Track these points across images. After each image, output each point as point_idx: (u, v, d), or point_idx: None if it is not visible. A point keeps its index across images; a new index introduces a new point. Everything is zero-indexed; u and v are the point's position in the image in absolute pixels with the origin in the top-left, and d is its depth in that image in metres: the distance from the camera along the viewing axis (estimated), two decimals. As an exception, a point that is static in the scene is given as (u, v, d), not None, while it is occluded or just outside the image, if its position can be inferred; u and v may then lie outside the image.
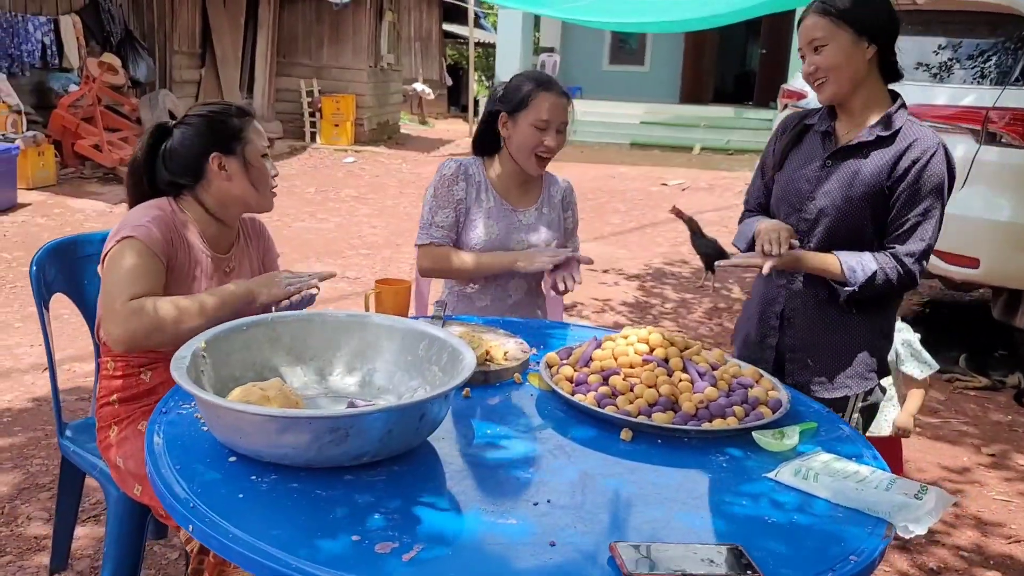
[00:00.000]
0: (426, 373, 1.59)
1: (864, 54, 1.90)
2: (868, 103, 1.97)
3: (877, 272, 1.91)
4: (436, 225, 2.36)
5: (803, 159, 2.06)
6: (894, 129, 1.93)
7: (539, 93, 2.26)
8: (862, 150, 1.96)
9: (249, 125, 1.93)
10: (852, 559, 1.19)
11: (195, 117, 1.92)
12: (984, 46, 4.41)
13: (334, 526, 1.16)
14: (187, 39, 11.18)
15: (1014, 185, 4.11)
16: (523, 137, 2.29)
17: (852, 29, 1.88)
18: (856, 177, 1.95)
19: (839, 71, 1.91)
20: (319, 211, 8.12)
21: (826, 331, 2.04)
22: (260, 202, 1.96)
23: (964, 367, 4.44)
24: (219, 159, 1.89)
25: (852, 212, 1.95)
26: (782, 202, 2.09)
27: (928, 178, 1.90)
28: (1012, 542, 2.89)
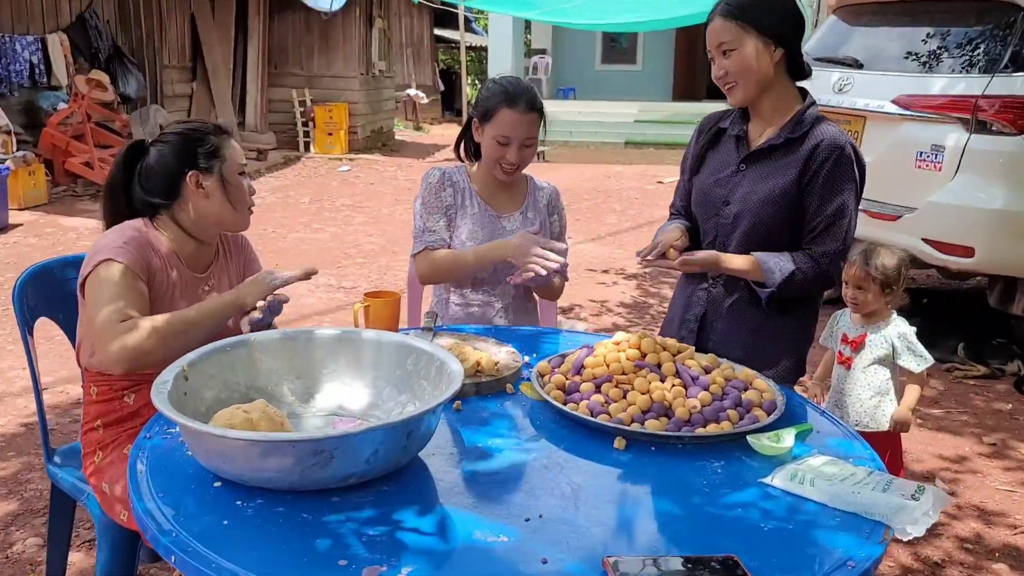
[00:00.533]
0: (415, 388, 1.57)
1: (771, 57, 1.92)
2: (778, 104, 1.99)
3: (795, 272, 1.93)
4: (429, 230, 2.34)
5: (718, 163, 2.08)
6: (803, 130, 1.95)
7: (502, 108, 2.23)
8: (773, 153, 1.98)
9: (227, 143, 1.91)
10: (849, 565, 1.17)
11: (171, 135, 1.90)
12: (972, 34, 4.39)
13: (320, 551, 1.14)
14: (177, 53, 11.17)
15: (1006, 173, 4.09)
16: (487, 148, 2.29)
17: (758, 33, 1.89)
18: (769, 180, 1.97)
19: (747, 75, 1.93)
20: (314, 221, 8.09)
21: (745, 333, 2.05)
22: (237, 220, 1.94)
23: (963, 356, 4.42)
24: (197, 177, 1.87)
25: (767, 215, 1.97)
26: (700, 206, 2.12)
27: (838, 177, 1.92)
28: (1017, 533, 2.86)
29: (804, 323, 2.11)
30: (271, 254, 6.39)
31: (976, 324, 4.66)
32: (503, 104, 2.24)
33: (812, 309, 2.13)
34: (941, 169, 4.21)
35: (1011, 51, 4.14)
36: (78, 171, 8.41)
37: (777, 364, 2.04)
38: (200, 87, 11.55)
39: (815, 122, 1.97)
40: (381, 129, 14.47)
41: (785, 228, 1.99)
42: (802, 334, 2.11)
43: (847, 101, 4.62)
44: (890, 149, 4.41)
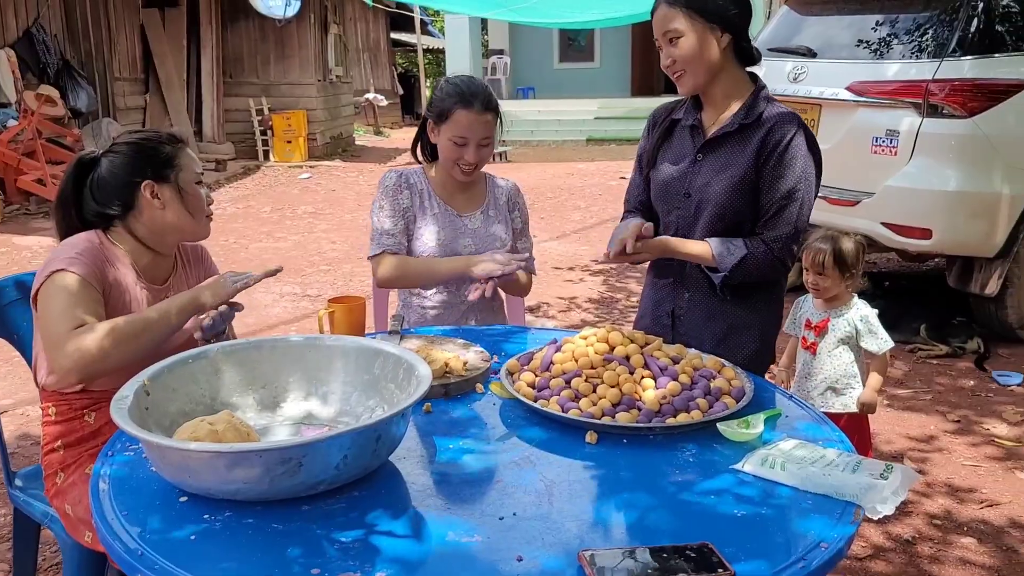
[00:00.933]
0: (383, 392, 1.56)
1: (719, 43, 1.90)
2: (729, 91, 1.97)
3: (746, 256, 1.92)
4: (387, 233, 2.32)
5: (675, 155, 2.06)
6: (756, 114, 1.93)
7: (458, 109, 2.22)
8: (729, 140, 1.96)
9: (182, 152, 1.88)
10: (822, 547, 1.18)
11: (124, 145, 1.86)
12: (920, 20, 4.46)
13: (292, 561, 1.12)
14: (128, 65, 10.99)
15: (958, 155, 4.17)
16: (444, 149, 2.27)
17: (704, 19, 1.87)
18: (726, 168, 1.95)
19: (695, 63, 1.90)
20: (276, 230, 8.01)
21: (713, 324, 2.05)
22: (196, 229, 1.91)
23: (925, 336, 4.49)
24: (151, 187, 1.83)
25: (728, 203, 1.95)
26: (660, 200, 2.10)
27: (789, 161, 1.90)
28: (984, 506, 2.92)
29: (770, 310, 2.10)
30: (233, 265, 6.31)
31: (937, 305, 4.74)
32: (459, 105, 2.22)
33: (777, 296, 2.12)
34: (896, 153, 4.28)
35: (958, 35, 4.22)
36: (30, 189, 8.24)
37: (746, 352, 2.04)
38: (154, 99, 11.38)
39: (767, 106, 1.95)
40: (341, 135, 14.37)
41: (747, 216, 1.97)
42: (769, 321, 2.11)
43: (802, 90, 4.67)
44: (846, 135, 4.48)
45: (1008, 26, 4.30)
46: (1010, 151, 4.14)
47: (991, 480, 3.10)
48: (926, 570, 2.56)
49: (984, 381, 4.07)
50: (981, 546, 2.68)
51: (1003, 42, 4.26)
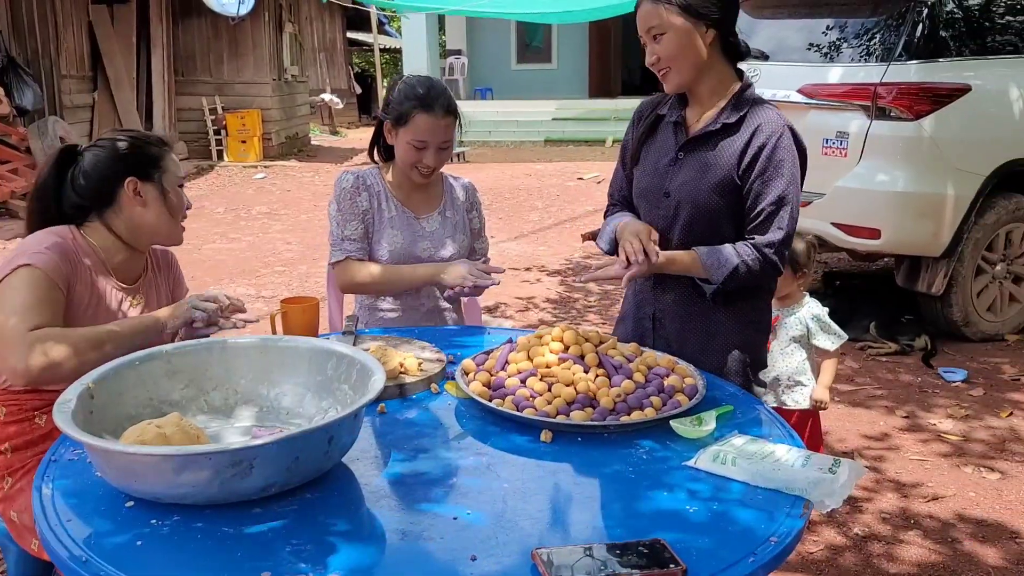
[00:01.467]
0: (336, 393, 1.54)
1: (704, 39, 1.83)
2: (715, 88, 1.91)
3: (739, 266, 1.85)
4: (348, 239, 2.29)
5: (658, 152, 1.99)
6: (740, 114, 1.87)
7: (418, 114, 2.19)
8: (711, 140, 1.90)
9: (167, 154, 1.90)
10: (772, 540, 1.20)
11: (109, 141, 1.87)
12: (868, 24, 4.56)
13: (242, 564, 1.11)
14: (75, 62, 10.74)
15: (905, 156, 4.27)
16: (403, 152, 2.25)
17: (689, 15, 1.80)
18: (707, 169, 1.89)
19: (680, 60, 1.84)
20: (230, 231, 7.90)
21: (696, 329, 1.98)
22: (171, 232, 1.92)
23: (875, 334, 4.59)
24: (135, 184, 1.83)
25: (707, 205, 1.89)
26: (641, 198, 2.04)
27: (777, 164, 1.84)
28: (931, 500, 2.99)
29: (756, 314, 2.02)
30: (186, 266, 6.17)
31: (886, 303, 4.85)
32: (419, 109, 2.19)
33: (763, 301, 2.04)
34: (847, 155, 4.37)
35: (904, 40, 4.32)
36: (-26, 188, 8.02)
37: (728, 358, 1.96)
38: (102, 97, 11.13)
39: (752, 105, 1.88)
40: (296, 135, 14.23)
41: (727, 217, 1.91)
42: (753, 327, 2.02)
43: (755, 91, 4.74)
44: (797, 137, 4.55)
45: (952, 31, 4.42)
46: (954, 153, 4.26)
47: (937, 474, 3.18)
48: (877, 566, 2.61)
49: (931, 377, 4.17)
50: (929, 540, 2.74)
51: (947, 47, 4.38)
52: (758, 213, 1.87)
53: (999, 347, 4.58)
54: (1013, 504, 2.95)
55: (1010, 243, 4.60)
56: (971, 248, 4.43)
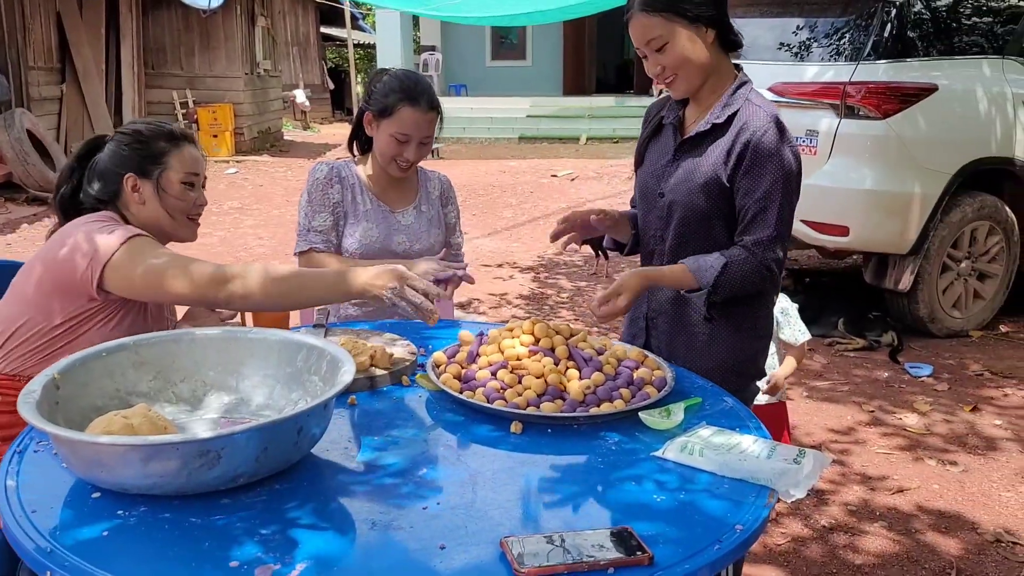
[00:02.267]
0: (307, 384, 1.54)
1: (705, 40, 1.81)
2: (715, 86, 1.88)
3: (728, 265, 1.80)
4: (314, 230, 2.29)
5: (658, 153, 1.99)
6: (730, 113, 1.84)
7: (404, 107, 2.19)
8: (703, 141, 1.88)
9: (176, 150, 1.89)
10: (738, 528, 1.21)
11: (123, 133, 1.88)
12: (838, 24, 4.62)
13: (209, 555, 1.10)
14: (43, 54, 10.56)
15: (873, 155, 4.33)
16: (384, 145, 2.25)
17: (686, 20, 1.78)
18: (697, 170, 1.87)
19: (687, 66, 1.82)
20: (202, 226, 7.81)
21: (687, 332, 1.96)
22: (177, 231, 1.93)
23: (843, 330, 4.65)
24: (134, 180, 1.84)
25: (697, 207, 1.87)
26: (641, 199, 2.04)
27: (763, 161, 1.79)
28: (895, 493, 3.04)
29: (752, 320, 1.95)
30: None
31: (854, 300, 4.92)
32: (404, 102, 2.19)
33: (761, 307, 1.97)
34: (816, 153, 4.42)
35: (873, 40, 4.39)
36: (-62, 181, 7.87)
37: (719, 365, 1.92)
38: (71, 89, 10.96)
39: (743, 105, 1.84)
40: (269, 130, 14.11)
41: (717, 218, 1.87)
42: (750, 332, 1.96)
43: (726, 90, 4.78)
44: (768, 135, 4.59)
45: (920, 32, 4.49)
46: (921, 152, 4.33)
47: (901, 467, 3.24)
48: (842, 557, 2.65)
49: (897, 373, 4.24)
50: (893, 531, 2.79)
51: (915, 47, 4.45)
52: (745, 212, 1.83)
53: (964, 343, 4.67)
54: (975, 496, 3.02)
55: (975, 241, 4.69)
56: (937, 246, 4.51)
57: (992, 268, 4.78)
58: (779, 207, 1.80)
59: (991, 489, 3.07)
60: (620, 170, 11.13)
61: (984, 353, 4.51)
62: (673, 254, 1.94)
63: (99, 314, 1.75)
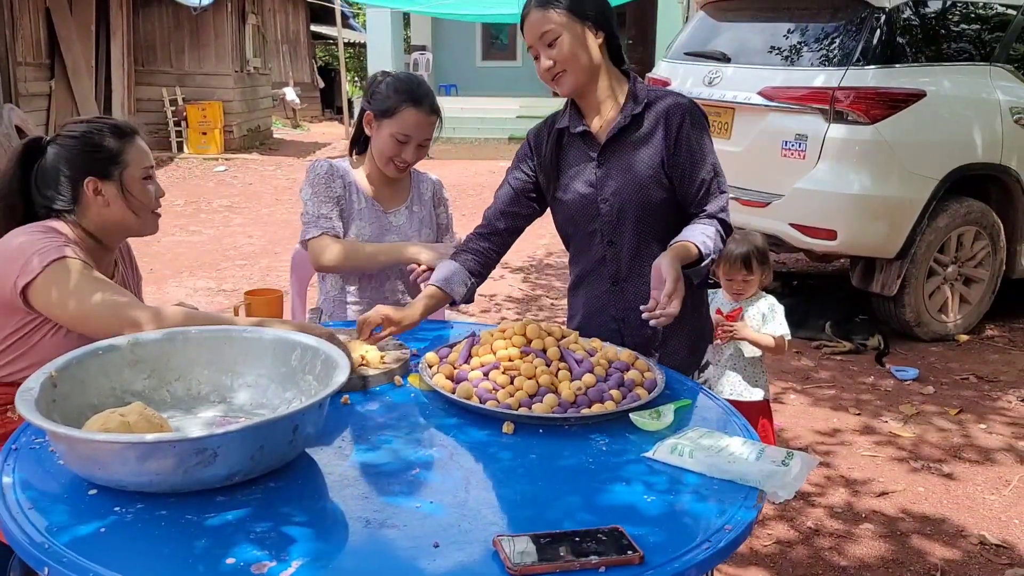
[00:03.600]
0: (301, 384, 1.55)
1: (596, 41, 1.89)
2: (611, 89, 1.95)
3: (715, 235, 1.88)
4: (324, 217, 2.29)
5: (574, 168, 1.99)
6: (643, 103, 1.92)
7: (407, 108, 2.22)
8: (624, 137, 1.93)
9: (129, 146, 1.84)
10: (727, 529, 1.23)
11: (68, 137, 1.81)
12: (828, 29, 4.66)
13: (206, 551, 1.12)
14: (32, 49, 10.50)
15: (861, 159, 4.37)
16: (383, 144, 2.27)
17: (578, 18, 1.86)
18: (634, 163, 1.92)
19: (576, 61, 1.88)
20: (190, 223, 7.81)
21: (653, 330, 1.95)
22: (142, 227, 1.89)
23: (830, 334, 4.69)
24: (95, 183, 1.79)
25: (648, 196, 1.93)
26: (569, 222, 2.04)
27: (697, 138, 1.91)
28: (880, 496, 3.07)
29: (697, 313, 2.07)
30: (145, 259, 6.12)
31: (841, 303, 4.96)
32: (408, 103, 2.22)
33: (701, 298, 2.10)
34: (805, 157, 4.46)
35: (862, 45, 4.42)
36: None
37: (691, 345, 2.05)
38: (60, 85, 10.90)
39: (650, 92, 1.95)
40: (258, 128, 14.08)
41: (667, 203, 1.95)
42: (698, 324, 2.09)
43: (717, 94, 4.82)
44: (758, 139, 4.64)
45: (908, 38, 4.53)
46: (909, 157, 4.37)
47: (887, 470, 3.27)
48: (828, 559, 2.68)
49: (883, 376, 4.28)
50: (878, 535, 2.82)
51: (904, 53, 4.49)
52: (699, 188, 1.93)
53: (950, 347, 4.71)
54: (960, 499, 3.05)
55: (961, 246, 4.74)
56: (924, 250, 4.55)
57: (978, 273, 4.83)
58: (721, 174, 1.95)
59: (976, 492, 3.11)
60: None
61: (970, 357, 4.56)
62: (635, 251, 1.98)
63: (46, 323, 1.72)
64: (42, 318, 1.71)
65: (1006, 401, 3.96)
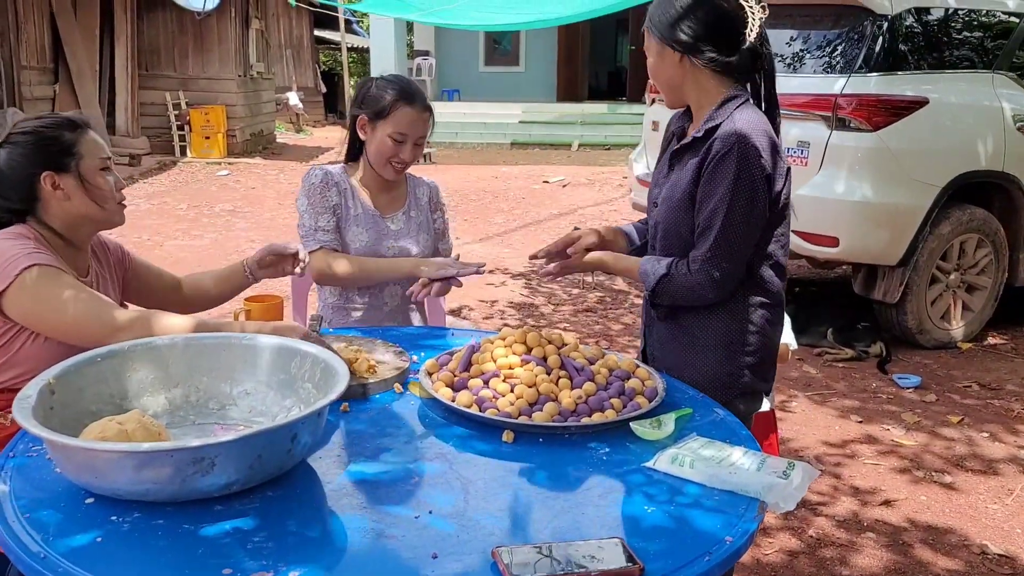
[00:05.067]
0: (300, 391, 1.54)
1: (672, 59, 1.85)
2: (701, 102, 1.89)
3: (667, 276, 1.85)
4: (321, 229, 2.29)
5: (662, 162, 2.02)
6: (709, 127, 1.83)
7: (401, 106, 2.23)
8: (683, 155, 1.90)
9: (82, 138, 1.80)
10: (727, 540, 1.23)
11: (20, 135, 1.78)
12: (830, 36, 4.66)
13: (203, 561, 1.11)
14: (36, 53, 10.54)
15: (863, 166, 4.36)
16: (379, 146, 2.27)
17: (659, 38, 1.86)
18: (676, 185, 1.89)
19: (656, 79, 1.91)
20: (193, 227, 7.81)
21: (675, 340, 1.96)
22: (107, 218, 1.85)
23: (832, 341, 4.68)
24: (52, 178, 1.76)
25: (673, 219, 1.89)
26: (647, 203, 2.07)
27: (718, 177, 1.79)
28: (882, 505, 3.06)
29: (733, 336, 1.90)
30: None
31: (843, 310, 4.94)
32: (401, 102, 2.23)
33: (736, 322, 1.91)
34: (807, 164, 4.45)
35: (864, 52, 4.42)
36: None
37: (703, 376, 1.90)
38: (64, 89, 10.94)
39: (724, 120, 1.82)
40: (261, 132, 14.10)
41: (691, 233, 1.86)
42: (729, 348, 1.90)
43: (719, 101, 4.80)
44: (760, 146, 4.62)
45: (911, 45, 4.53)
46: (911, 165, 4.36)
47: (890, 479, 3.26)
48: (831, 570, 2.67)
49: (885, 384, 4.26)
50: (881, 545, 2.81)
51: (906, 60, 4.49)
52: (697, 228, 1.85)
53: (952, 355, 4.70)
54: (963, 509, 3.04)
55: (964, 253, 4.73)
56: (926, 258, 4.54)
57: (981, 280, 4.82)
58: (722, 228, 1.79)
59: (978, 502, 3.09)
60: (611, 177, 11.16)
61: (972, 365, 4.54)
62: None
63: (24, 331, 1.70)
64: (20, 326, 1.70)
65: (1009, 410, 3.94)
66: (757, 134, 1.79)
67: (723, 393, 1.88)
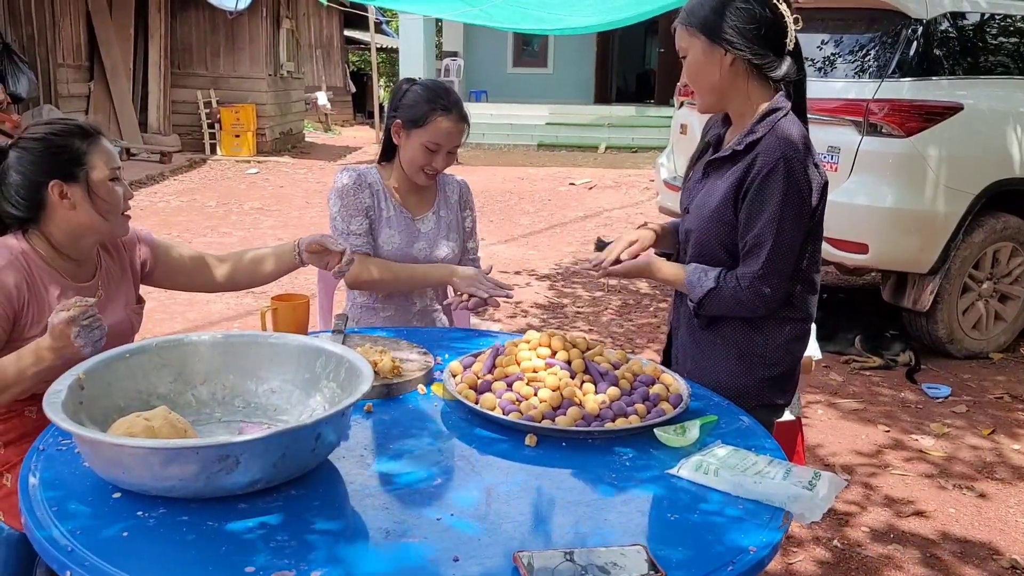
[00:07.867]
0: (324, 390, 1.55)
1: (721, 62, 1.79)
2: (743, 110, 1.86)
3: (716, 290, 1.82)
4: (353, 233, 2.30)
5: (697, 169, 1.98)
6: (750, 140, 1.80)
7: (438, 117, 2.23)
8: (722, 166, 1.87)
9: (94, 147, 1.77)
10: (751, 550, 1.21)
11: (31, 140, 1.75)
12: (863, 41, 4.60)
13: (226, 559, 1.12)
14: (72, 51, 10.70)
15: (895, 172, 4.30)
16: (413, 153, 2.27)
17: (706, 38, 1.79)
18: (711, 196, 1.87)
19: (697, 82, 1.84)
20: (222, 225, 7.89)
21: (697, 346, 1.96)
22: (111, 230, 1.82)
23: (859, 348, 4.62)
24: (60, 187, 1.73)
25: (706, 230, 1.87)
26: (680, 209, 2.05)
27: (762, 199, 1.77)
28: (912, 516, 3.01)
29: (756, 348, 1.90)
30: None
31: (872, 318, 4.88)
32: (439, 112, 2.23)
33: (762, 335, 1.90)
34: (837, 169, 4.40)
35: (898, 57, 4.37)
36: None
37: (725, 384, 1.89)
38: (98, 87, 11.09)
39: (766, 132, 1.78)
40: (290, 131, 14.20)
41: (718, 248, 1.86)
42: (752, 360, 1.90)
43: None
44: (789, 151, 4.58)
45: (946, 50, 4.46)
46: (944, 171, 4.29)
47: (918, 490, 3.21)
48: (854, 576, 2.63)
49: (914, 393, 4.20)
50: (909, 557, 2.77)
51: (941, 65, 4.42)
52: (743, 245, 1.83)
53: (983, 365, 4.62)
54: (992, 522, 2.99)
55: (997, 262, 4.65)
56: (958, 266, 4.47)
57: (1014, 290, 4.74)
58: (774, 243, 1.77)
59: (1008, 515, 3.04)
60: (638, 180, 11.12)
61: (1004, 376, 4.47)
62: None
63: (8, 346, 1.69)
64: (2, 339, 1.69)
65: (1041, 422, 3.87)
66: (801, 149, 1.77)
67: (740, 403, 1.85)
